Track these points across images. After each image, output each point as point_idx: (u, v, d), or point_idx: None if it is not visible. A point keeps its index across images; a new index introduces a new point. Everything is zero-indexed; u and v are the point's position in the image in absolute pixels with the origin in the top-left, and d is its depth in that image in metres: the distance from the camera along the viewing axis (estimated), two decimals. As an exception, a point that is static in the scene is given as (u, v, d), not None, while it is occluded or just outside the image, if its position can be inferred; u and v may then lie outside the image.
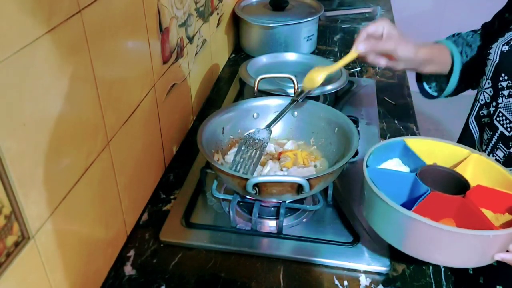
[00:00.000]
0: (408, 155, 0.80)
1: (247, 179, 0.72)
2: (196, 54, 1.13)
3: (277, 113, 0.91)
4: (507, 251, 0.65)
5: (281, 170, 0.87)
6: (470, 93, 0.96)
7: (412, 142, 0.81)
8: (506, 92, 0.79)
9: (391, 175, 0.77)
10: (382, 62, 0.87)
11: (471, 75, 0.93)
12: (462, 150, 0.79)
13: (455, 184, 0.74)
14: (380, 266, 0.75)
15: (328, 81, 1.09)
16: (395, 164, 0.81)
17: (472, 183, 0.73)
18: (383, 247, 0.78)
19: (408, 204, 0.70)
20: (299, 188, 0.74)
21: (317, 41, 1.55)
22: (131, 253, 0.79)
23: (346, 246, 0.79)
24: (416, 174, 0.74)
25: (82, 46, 0.61)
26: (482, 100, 0.86)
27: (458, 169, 0.76)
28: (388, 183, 0.72)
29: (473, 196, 0.70)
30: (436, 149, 0.81)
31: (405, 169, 0.80)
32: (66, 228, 0.62)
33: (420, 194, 0.71)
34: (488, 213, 0.70)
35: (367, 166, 0.74)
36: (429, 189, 0.71)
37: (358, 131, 0.90)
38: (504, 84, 0.79)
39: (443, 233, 0.63)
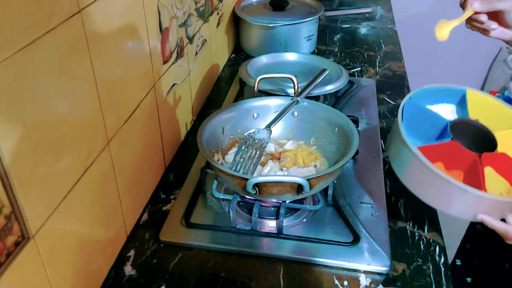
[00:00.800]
0: (463, 106, 0.81)
1: (247, 179, 0.72)
2: (196, 54, 1.13)
3: (277, 113, 0.91)
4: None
5: (281, 170, 0.87)
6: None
7: (473, 95, 0.80)
8: None
9: (428, 115, 0.78)
10: (493, 26, 0.80)
11: None
12: None
13: (483, 143, 0.74)
14: (380, 266, 0.75)
15: (328, 81, 1.10)
16: (449, 110, 0.82)
17: (502, 149, 0.72)
18: (383, 247, 0.78)
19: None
20: (299, 188, 0.74)
21: (317, 41, 1.55)
22: (131, 253, 0.79)
23: (346, 246, 0.79)
24: (450, 122, 0.76)
25: (82, 46, 0.61)
26: None
27: (501, 134, 0.75)
28: (422, 121, 0.76)
29: (494, 160, 0.71)
30: (492, 109, 0.80)
31: (454, 116, 0.81)
32: (66, 228, 0.62)
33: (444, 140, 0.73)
34: (503, 183, 0.71)
35: (410, 98, 0.78)
36: (451, 137, 0.72)
37: (358, 131, 0.90)
38: None
39: (434, 177, 0.66)
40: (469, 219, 0.72)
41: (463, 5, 0.82)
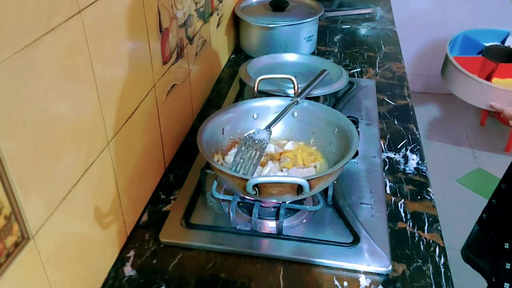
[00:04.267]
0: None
1: (247, 180, 0.72)
2: (196, 54, 1.13)
3: (277, 114, 0.91)
4: None
5: (281, 170, 0.87)
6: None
7: None
8: None
9: (470, 41, 1.09)
10: None
11: None
12: None
13: (509, 60, 1.06)
14: (380, 266, 0.75)
15: (328, 81, 1.10)
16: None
17: None
18: (383, 247, 0.78)
19: None
20: (299, 188, 0.74)
21: (317, 41, 1.55)
22: (131, 253, 0.79)
23: (346, 247, 0.79)
24: (486, 46, 1.06)
25: (82, 47, 0.61)
26: None
27: None
28: (466, 46, 1.07)
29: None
30: None
31: None
32: (66, 229, 0.62)
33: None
34: None
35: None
36: (482, 54, 1.04)
37: (358, 131, 0.90)
38: None
39: (461, 74, 1.00)
40: (483, 107, 1.00)
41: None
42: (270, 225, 0.83)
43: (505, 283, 1.02)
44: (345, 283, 0.74)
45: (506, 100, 0.98)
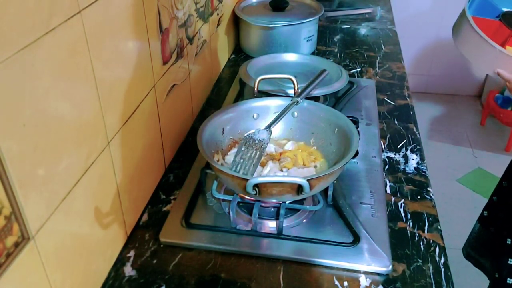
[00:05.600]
0: None
1: (247, 180, 0.72)
2: (196, 54, 1.13)
3: (277, 114, 0.91)
4: None
5: (281, 170, 0.87)
6: (471, 93, 0.96)
7: None
8: None
9: (488, 5, 1.03)
10: None
11: None
12: None
13: None
14: (380, 266, 0.75)
15: (328, 81, 1.10)
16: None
17: None
18: (383, 247, 0.78)
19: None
20: (299, 188, 0.74)
21: (317, 41, 1.55)
22: (131, 253, 0.79)
23: (346, 247, 0.79)
24: (503, 11, 1.01)
25: (82, 47, 0.61)
26: None
27: None
28: (483, 10, 1.01)
29: None
30: None
31: None
32: (66, 229, 0.62)
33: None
34: None
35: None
36: (499, 18, 0.99)
37: (358, 131, 0.90)
38: None
39: (472, 32, 0.93)
40: (490, 73, 0.95)
41: None
42: (270, 225, 0.83)
43: (508, 279, 1.02)
44: (345, 283, 0.74)
45: None
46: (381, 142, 1.07)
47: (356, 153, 0.99)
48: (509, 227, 1.06)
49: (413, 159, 1.02)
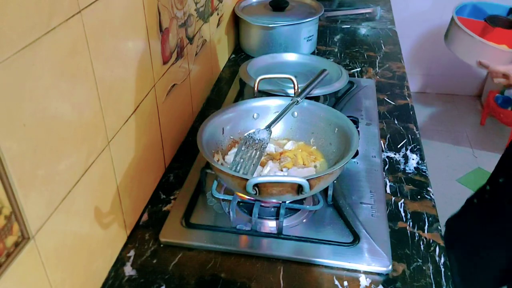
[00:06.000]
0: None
1: (247, 180, 0.72)
2: (196, 54, 1.13)
3: (277, 114, 0.91)
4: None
5: (281, 170, 0.87)
6: (471, 93, 0.97)
7: None
8: None
9: (476, 9, 1.15)
10: None
11: None
12: None
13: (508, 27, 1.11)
14: (380, 266, 0.75)
15: (328, 81, 1.10)
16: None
17: None
18: (383, 247, 0.78)
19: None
20: (299, 188, 0.74)
21: (317, 41, 1.55)
22: (131, 253, 0.79)
23: (346, 246, 0.79)
24: (488, 15, 1.13)
25: (82, 46, 0.61)
26: None
27: None
28: (471, 13, 1.13)
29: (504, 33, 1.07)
30: None
31: None
32: (66, 228, 0.62)
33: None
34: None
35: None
36: (484, 19, 1.06)
37: (358, 131, 0.90)
38: None
39: (458, 28, 1.08)
40: (473, 63, 1.06)
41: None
42: (270, 225, 0.83)
43: None
44: (345, 283, 0.74)
45: (495, 59, 1.04)
46: (381, 142, 1.07)
47: (356, 153, 0.99)
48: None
49: (413, 159, 1.02)
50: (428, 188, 0.93)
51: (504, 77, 1.03)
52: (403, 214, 0.87)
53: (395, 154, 1.04)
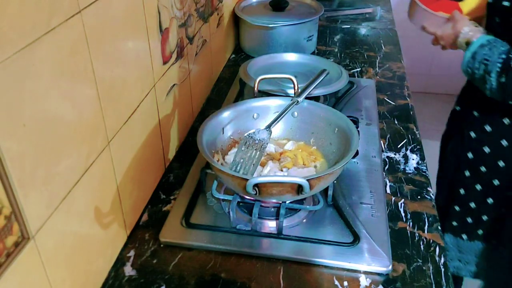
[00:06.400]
0: None
1: (247, 180, 0.72)
2: (196, 54, 1.13)
3: (277, 114, 0.91)
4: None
5: (281, 170, 0.87)
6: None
7: None
8: None
9: None
10: None
11: None
12: None
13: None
14: (380, 266, 0.75)
15: (328, 81, 1.10)
16: None
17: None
18: (383, 247, 0.78)
19: None
20: (299, 188, 0.74)
21: (317, 41, 1.55)
22: (131, 253, 0.79)
23: (346, 246, 0.79)
24: None
25: (82, 46, 0.61)
26: None
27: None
28: None
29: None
30: None
31: None
32: (66, 229, 0.62)
33: None
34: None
35: None
36: None
37: (358, 131, 0.90)
38: None
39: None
40: (419, 28, 1.16)
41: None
42: (270, 225, 0.83)
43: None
44: (345, 283, 0.74)
45: (432, 24, 1.14)
46: (381, 142, 1.07)
47: (356, 153, 0.99)
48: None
49: (413, 159, 1.02)
50: (428, 188, 0.93)
51: (436, 40, 1.12)
52: (403, 214, 0.87)
53: (395, 154, 1.04)
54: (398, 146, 1.06)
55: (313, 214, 0.85)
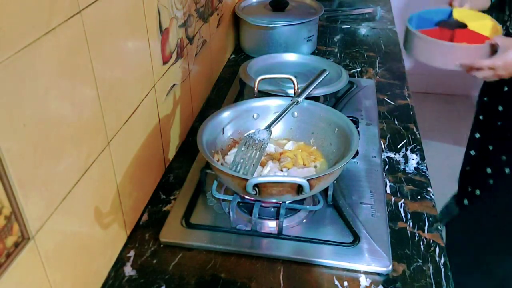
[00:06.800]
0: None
1: (247, 180, 0.72)
2: (196, 54, 1.13)
3: (277, 114, 0.91)
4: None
5: (281, 170, 0.87)
6: (471, 94, 0.97)
7: (458, 10, 1.18)
8: None
9: (424, 19, 1.20)
10: None
11: None
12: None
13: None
14: (380, 266, 0.75)
15: (328, 81, 1.10)
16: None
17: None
18: (383, 247, 0.78)
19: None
20: (299, 188, 0.74)
21: (317, 41, 1.55)
22: (131, 253, 0.79)
23: (346, 247, 0.79)
24: (437, 21, 1.18)
25: (82, 47, 0.61)
26: None
27: (472, 24, 1.13)
28: (421, 23, 1.18)
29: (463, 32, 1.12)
30: (470, 13, 1.17)
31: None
32: (66, 229, 0.62)
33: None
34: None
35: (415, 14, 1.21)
36: (436, 26, 1.16)
37: (358, 131, 0.90)
38: None
39: (420, 39, 1.11)
40: (451, 67, 1.08)
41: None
42: (270, 225, 0.83)
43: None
44: (345, 283, 0.74)
45: (467, 57, 1.08)
46: (381, 142, 1.07)
47: (356, 153, 0.99)
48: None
49: (413, 159, 1.02)
50: (428, 188, 0.93)
51: (490, 69, 1.06)
52: (403, 214, 0.87)
53: (395, 154, 1.04)
54: (398, 146, 1.06)
55: (313, 214, 0.85)
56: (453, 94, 3.05)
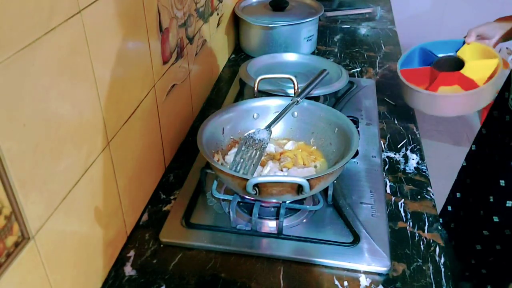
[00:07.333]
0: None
1: (247, 180, 0.72)
2: (196, 54, 1.13)
3: (277, 114, 0.91)
4: None
5: (281, 170, 0.87)
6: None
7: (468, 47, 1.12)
8: None
9: (426, 53, 1.14)
10: None
11: None
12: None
13: (456, 68, 1.07)
14: (380, 266, 0.75)
15: (328, 81, 1.10)
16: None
17: (467, 72, 1.05)
18: (383, 247, 0.78)
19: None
20: (299, 188, 0.74)
21: (317, 41, 1.55)
22: (131, 253, 0.79)
23: (346, 246, 0.79)
24: (437, 58, 1.12)
25: (82, 46, 0.61)
26: None
27: (472, 62, 1.07)
28: (422, 58, 1.14)
29: (448, 76, 1.07)
30: (476, 48, 1.11)
31: None
32: (66, 229, 0.62)
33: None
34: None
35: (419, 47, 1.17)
36: (431, 65, 1.10)
37: (358, 131, 0.90)
38: None
39: (405, 85, 1.08)
40: (437, 114, 1.06)
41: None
42: (270, 225, 0.83)
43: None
44: (345, 283, 0.74)
45: (453, 104, 1.03)
46: (381, 142, 1.07)
47: (356, 153, 0.99)
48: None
49: (413, 159, 1.02)
50: (428, 188, 0.93)
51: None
52: (403, 214, 0.87)
53: (395, 154, 1.04)
54: (398, 146, 1.06)
55: (313, 214, 0.85)
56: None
